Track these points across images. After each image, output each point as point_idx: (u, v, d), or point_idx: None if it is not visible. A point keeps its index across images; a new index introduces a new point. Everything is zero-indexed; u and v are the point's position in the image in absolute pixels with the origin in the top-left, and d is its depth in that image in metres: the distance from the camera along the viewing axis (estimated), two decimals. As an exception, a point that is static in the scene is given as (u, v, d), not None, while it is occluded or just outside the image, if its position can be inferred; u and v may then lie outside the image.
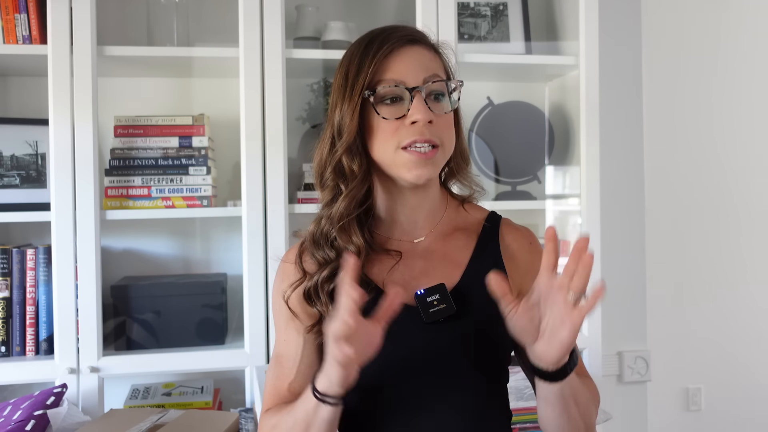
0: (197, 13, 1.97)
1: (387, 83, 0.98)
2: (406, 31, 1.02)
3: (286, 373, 1.06)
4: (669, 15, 2.35)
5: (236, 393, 1.94)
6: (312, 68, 1.92)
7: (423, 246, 1.07)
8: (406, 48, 1.00)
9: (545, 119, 2.06)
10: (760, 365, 2.45)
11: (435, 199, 1.09)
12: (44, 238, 1.81)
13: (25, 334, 1.72)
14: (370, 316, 0.89)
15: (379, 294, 1.00)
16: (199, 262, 2.01)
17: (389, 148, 0.99)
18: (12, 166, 1.76)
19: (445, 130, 1.01)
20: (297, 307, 1.04)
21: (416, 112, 0.97)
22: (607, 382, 2.21)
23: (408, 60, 0.99)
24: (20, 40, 1.69)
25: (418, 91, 0.98)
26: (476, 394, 1.01)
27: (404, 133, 0.98)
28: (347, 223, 1.01)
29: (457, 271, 1.05)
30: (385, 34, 1.01)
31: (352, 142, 0.99)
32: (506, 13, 2.04)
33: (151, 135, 1.79)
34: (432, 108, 0.99)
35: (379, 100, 0.99)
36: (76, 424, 1.54)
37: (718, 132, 2.41)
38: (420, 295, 1.01)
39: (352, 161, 1.00)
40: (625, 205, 2.27)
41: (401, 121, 0.98)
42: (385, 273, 1.04)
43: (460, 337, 1.01)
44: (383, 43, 0.99)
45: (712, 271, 2.40)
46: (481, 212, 1.14)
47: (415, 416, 0.99)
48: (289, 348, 1.06)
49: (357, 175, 1.00)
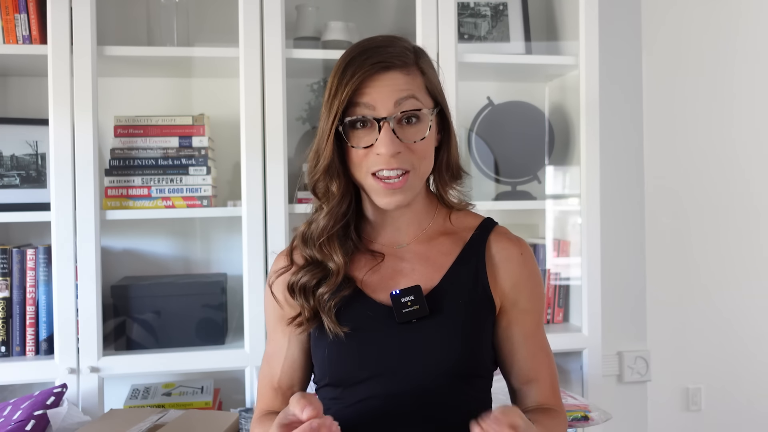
0: (197, 13, 1.97)
1: (358, 108, 0.98)
2: (382, 56, 0.99)
3: (273, 372, 1.12)
4: (669, 15, 2.35)
5: (236, 393, 1.94)
6: (312, 68, 1.92)
7: (406, 248, 1.09)
8: (380, 75, 0.99)
9: (545, 119, 2.06)
10: (760, 365, 2.45)
11: (419, 209, 1.10)
12: (44, 238, 1.81)
13: (25, 334, 1.72)
14: (346, 311, 0.96)
15: (357, 292, 1.05)
16: (199, 262, 2.01)
17: (361, 173, 1.01)
18: (12, 166, 1.76)
19: (417, 155, 1.01)
20: (279, 295, 1.09)
21: (381, 145, 0.98)
22: (607, 382, 2.21)
23: (380, 86, 0.99)
24: (20, 40, 1.69)
25: (386, 121, 0.98)
26: (446, 396, 1.02)
27: (372, 161, 1.00)
28: (326, 240, 1.04)
29: (437, 274, 1.06)
30: (362, 58, 0.99)
31: (330, 164, 1.01)
32: (506, 13, 2.04)
33: (151, 135, 1.79)
34: (402, 136, 0.99)
35: (352, 125, 1.00)
36: (76, 424, 1.54)
37: (717, 132, 2.41)
38: (395, 296, 1.02)
39: (331, 182, 1.03)
40: (625, 205, 2.27)
41: (371, 149, 0.99)
42: (364, 271, 1.06)
43: (428, 339, 1.02)
44: (357, 70, 0.98)
45: (712, 271, 2.40)
46: (474, 219, 1.13)
47: (384, 414, 1.00)
48: (276, 347, 1.12)
49: (336, 195, 1.03)
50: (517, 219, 2.10)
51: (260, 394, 1.14)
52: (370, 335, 1.02)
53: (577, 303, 1.97)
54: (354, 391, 1.03)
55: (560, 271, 2.02)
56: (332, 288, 1.03)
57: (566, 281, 2.02)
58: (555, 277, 2.02)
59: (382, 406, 1.00)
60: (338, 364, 1.03)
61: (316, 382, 1.11)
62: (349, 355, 1.02)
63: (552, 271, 2.02)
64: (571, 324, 2.02)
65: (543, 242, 2.05)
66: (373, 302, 1.04)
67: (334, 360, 1.03)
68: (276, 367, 1.11)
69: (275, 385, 1.12)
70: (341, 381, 1.04)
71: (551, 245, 2.04)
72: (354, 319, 1.03)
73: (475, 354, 1.04)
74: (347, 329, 1.01)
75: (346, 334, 1.01)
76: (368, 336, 1.02)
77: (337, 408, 1.04)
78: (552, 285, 2.02)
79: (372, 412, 1.00)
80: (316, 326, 1.05)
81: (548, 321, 2.03)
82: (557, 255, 2.03)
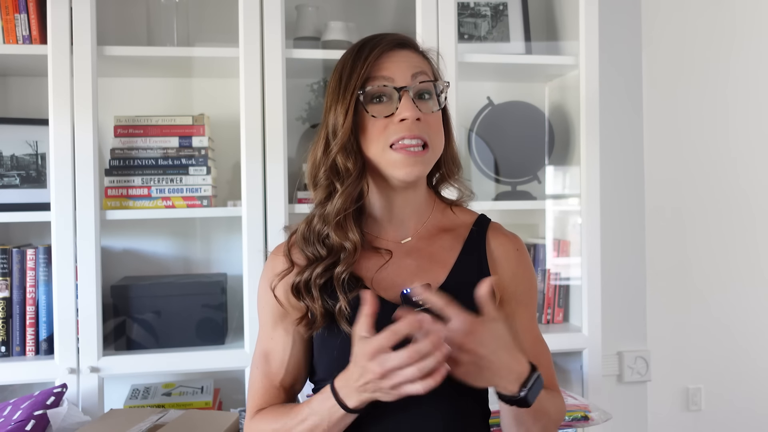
0: (197, 13, 1.97)
1: (377, 81, 1.02)
2: (395, 36, 1.07)
3: (275, 371, 1.11)
4: (669, 14, 2.35)
5: (236, 393, 1.94)
6: (312, 68, 1.92)
7: (410, 245, 1.10)
8: (396, 51, 1.05)
9: (545, 119, 2.06)
10: (760, 365, 2.45)
11: (422, 200, 1.11)
12: (44, 238, 1.81)
13: (25, 334, 1.72)
14: (357, 310, 0.95)
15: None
16: (199, 262, 2.01)
17: (379, 146, 1.02)
18: (12, 166, 1.76)
19: (433, 128, 1.04)
20: (282, 298, 1.08)
21: (404, 109, 1.01)
22: (607, 382, 2.21)
23: (397, 61, 1.04)
24: (20, 40, 1.69)
25: (405, 90, 1.02)
26: (455, 394, 1.02)
27: (393, 130, 1.01)
28: (343, 219, 1.04)
29: (442, 271, 1.08)
30: (376, 39, 1.06)
31: (347, 140, 1.02)
32: (506, 13, 2.04)
33: (151, 135, 1.79)
34: (419, 107, 1.02)
35: (370, 99, 1.03)
36: (76, 424, 1.54)
37: (717, 132, 2.41)
38: (406, 295, 1.02)
39: (347, 159, 1.03)
40: (625, 205, 2.27)
41: (390, 119, 1.02)
42: (374, 271, 1.07)
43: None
44: (374, 47, 1.04)
45: (712, 271, 2.40)
46: (469, 215, 1.16)
47: (393, 413, 1.01)
48: (277, 345, 1.10)
49: (352, 172, 1.03)
50: (517, 219, 2.10)
51: (255, 392, 1.12)
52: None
53: (577, 303, 1.97)
54: None
55: (560, 271, 2.02)
56: (350, 265, 1.03)
57: (566, 281, 2.02)
58: (555, 277, 2.02)
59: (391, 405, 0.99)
60: (347, 363, 1.01)
61: (317, 381, 1.11)
62: None
63: (552, 271, 2.02)
64: (571, 324, 2.02)
65: (543, 242, 2.05)
66: (383, 301, 1.03)
67: (343, 360, 1.00)
68: (277, 366, 1.10)
69: (276, 384, 1.10)
70: None
71: (551, 245, 2.04)
72: None
73: None
74: None
75: None
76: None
77: None
78: (552, 285, 2.02)
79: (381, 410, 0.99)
80: (324, 326, 1.04)
81: (548, 321, 2.03)
82: (557, 255, 2.03)
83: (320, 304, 1.03)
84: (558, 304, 2.03)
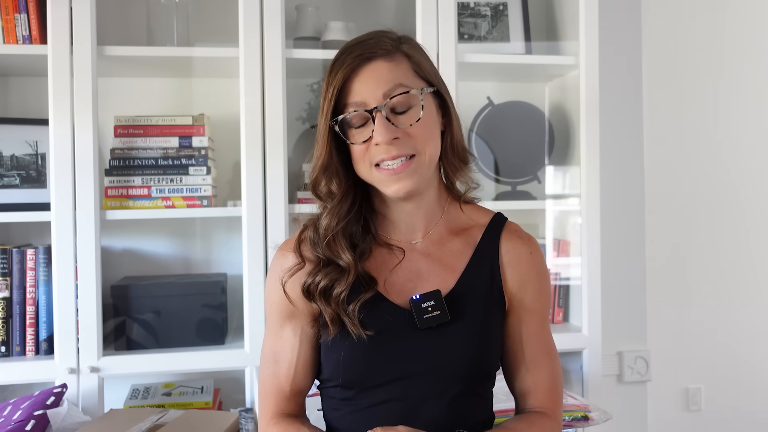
0: (197, 13, 1.96)
1: (348, 108, 1.00)
2: (362, 48, 1.00)
3: (285, 372, 1.09)
4: (668, 14, 2.35)
5: (236, 393, 1.94)
6: (312, 68, 1.92)
7: (421, 248, 1.08)
8: (364, 67, 1.00)
9: (545, 119, 2.06)
10: (761, 365, 2.45)
11: (431, 201, 1.09)
12: (44, 238, 1.81)
13: (25, 334, 1.72)
14: (367, 314, 0.93)
15: (377, 295, 1.03)
16: (199, 262, 2.01)
17: (365, 167, 1.02)
18: (12, 166, 1.76)
19: (418, 138, 1.00)
20: (293, 295, 1.06)
21: (378, 134, 0.98)
22: (607, 382, 2.21)
23: (366, 80, 0.99)
24: (20, 40, 1.69)
25: (378, 111, 0.98)
26: (461, 398, 1.02)
27: (373, 152, 1.00)
28: (332, 239, 1.03)
29: (451, 277, 1.06)
30: (344, 56, 1.01)
31: (327, 163, 1.02)
32: (506, 13, 2.04)
33: (151, 135, 1.79)
34: (397, 123, 0.99)
35: (348, 125, 1.01)
36: (76, 424, 1.54)
37: (717, 131, 2.41)
38: (415, 301, 1.02)
39: (330, 182, 1.03)
40: (625, 205, 2.27)
41: (369, 142, 1.00)
42: (386, 270, 1.06)
43: (451, 344, 1.02)
44: (340, 67, 1.00)
45: (712, 271, 2.40)
46: (484, 215, 1.13)
47: (399, 419, 1.00)
48: (285, 346, 1.09)
49: (336, 194, 1.03)
50: (517, 219, 2.05)
51: (267, 394, 1.10)
52: (390, 339, 1.01)
53: (577, 303, 1.97)
54: (371, 394, 1.02)
55: (560, 271, 2.02)
56: (346, 288, 1.01)
57: (566, 281, 2.03)
58: (555, 277, 2.02)
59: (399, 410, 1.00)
60: (355, 367, 1.01)
61: (323, 380, 1.10)
62: (367, 359, 1.01)
63: (552, 271, 2.02)
64: (571, 324, 2.02)
65: (543, 242, 2.05)
66: (393, 306, 1.03)
67: (351, 363, 1.01)
68: (287, 367, 1.08)
69: (287, 386, 1.08)
70: (356, 383, 1.03)
71: (551, 245, 2.04)
72: (375, 323, 1.01)
73: (491, 357, 1.06)
74: (371, 333, 1.00)
75: (366, 337, 1.00)
76: (388, 340, 1.01)
77: (350, 409, 1.04)
78: (552, 285, 2.02)
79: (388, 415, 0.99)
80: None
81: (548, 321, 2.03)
82: (557, 255, 2.03)
83: (333, 309, 1.01)
84: (558, 304, 2.03)
